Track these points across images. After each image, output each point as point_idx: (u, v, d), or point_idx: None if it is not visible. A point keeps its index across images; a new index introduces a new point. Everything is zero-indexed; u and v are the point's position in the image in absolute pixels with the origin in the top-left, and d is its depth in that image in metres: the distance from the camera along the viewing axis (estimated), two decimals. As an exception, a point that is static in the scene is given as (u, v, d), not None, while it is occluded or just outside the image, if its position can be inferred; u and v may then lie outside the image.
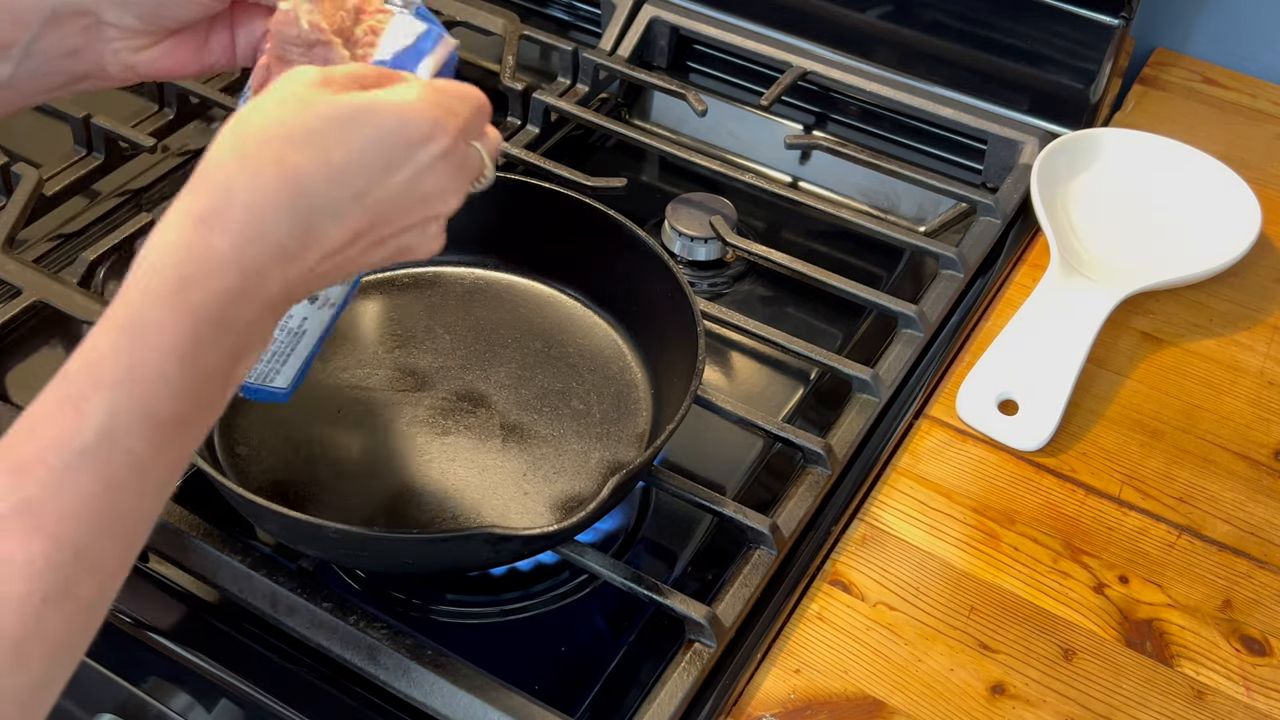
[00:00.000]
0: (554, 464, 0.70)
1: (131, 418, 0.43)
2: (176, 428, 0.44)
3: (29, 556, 0.40)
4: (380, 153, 0.47)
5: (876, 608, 0.67)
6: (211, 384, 0.46)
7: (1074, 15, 0.93)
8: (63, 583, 0.41)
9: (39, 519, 0.41)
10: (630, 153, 0.98)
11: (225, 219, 0.45)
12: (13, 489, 0.41)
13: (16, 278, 0.78)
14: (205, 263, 0.45)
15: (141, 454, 0.43)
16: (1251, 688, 0.65)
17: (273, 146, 0.46)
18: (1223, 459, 0.76)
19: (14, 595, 0.40)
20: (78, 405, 0.42)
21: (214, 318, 0.45)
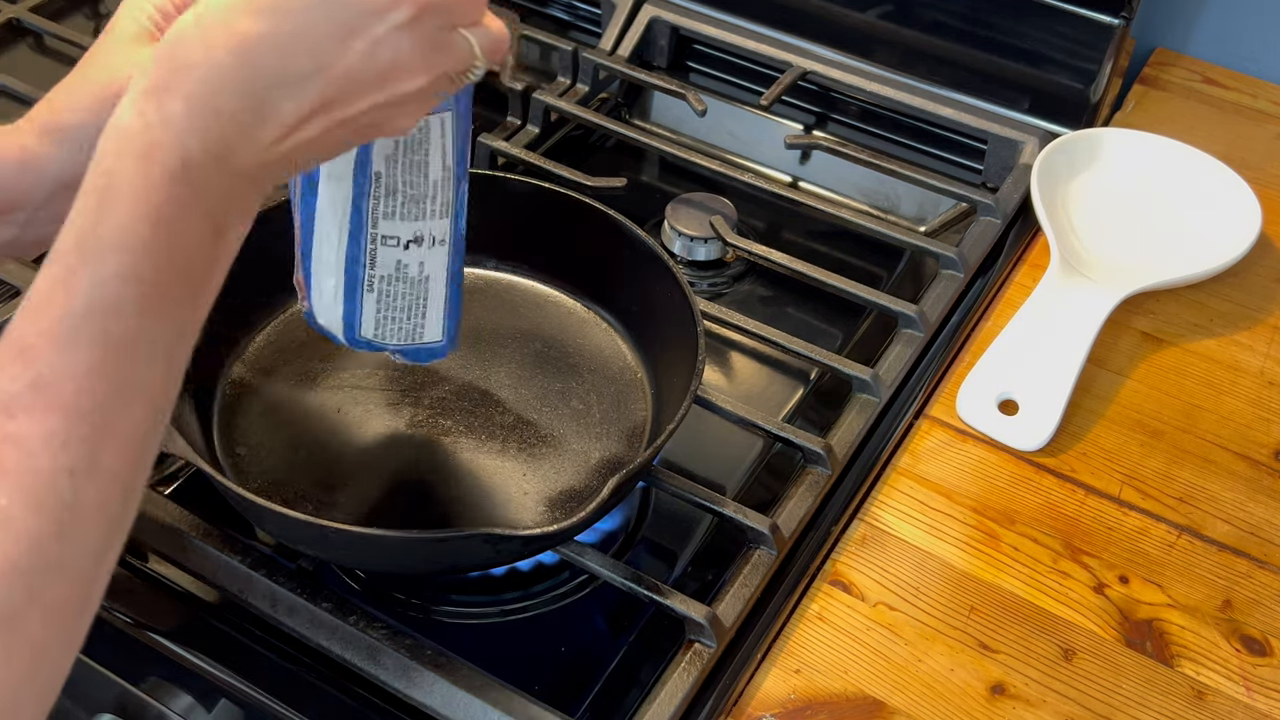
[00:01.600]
0: (554, 464, 0.70)
1: (117, 285, 0.43)
2: (166, 293, 0.45)
3: (50, 430, 0.41)
4: (335, 21, 0.46)
5: (876, 608, 0.67)
6: (195, 251, 0.46)
7: (1074, 15, 0.93)
8: (88, 454, 0.42)
9: (53, 395, 0.42)
10: (630, 153, 0.98)
11: (179, 88, 0.45)
12: (23, 370, 0.42)
13: (16, 277, 0.78)
14: (164, 132, 0.45)
15: (135, 320, 0.44)
16: (1252, 688, 0.65)
17: (230, 16, 0.45)
18: (1223, 459, 0.76)
19: (43, 469, 0.41)
20: (66, 281, 0.43)
21: (183, 182, 0.45)
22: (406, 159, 0.56)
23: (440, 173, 0.57)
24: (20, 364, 0.42)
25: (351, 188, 0.56)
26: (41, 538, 0.41)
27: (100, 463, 0.43)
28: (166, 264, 0.45)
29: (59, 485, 0.41)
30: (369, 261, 0.58)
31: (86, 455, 0.42)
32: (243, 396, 0.71)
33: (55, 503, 0.41)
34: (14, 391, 0.42)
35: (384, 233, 0.57)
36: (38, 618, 0.41)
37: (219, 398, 0.71)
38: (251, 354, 0.74)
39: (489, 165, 0.91)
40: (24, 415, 0.41)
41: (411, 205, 0.57)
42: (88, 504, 0.42)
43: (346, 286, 0.59)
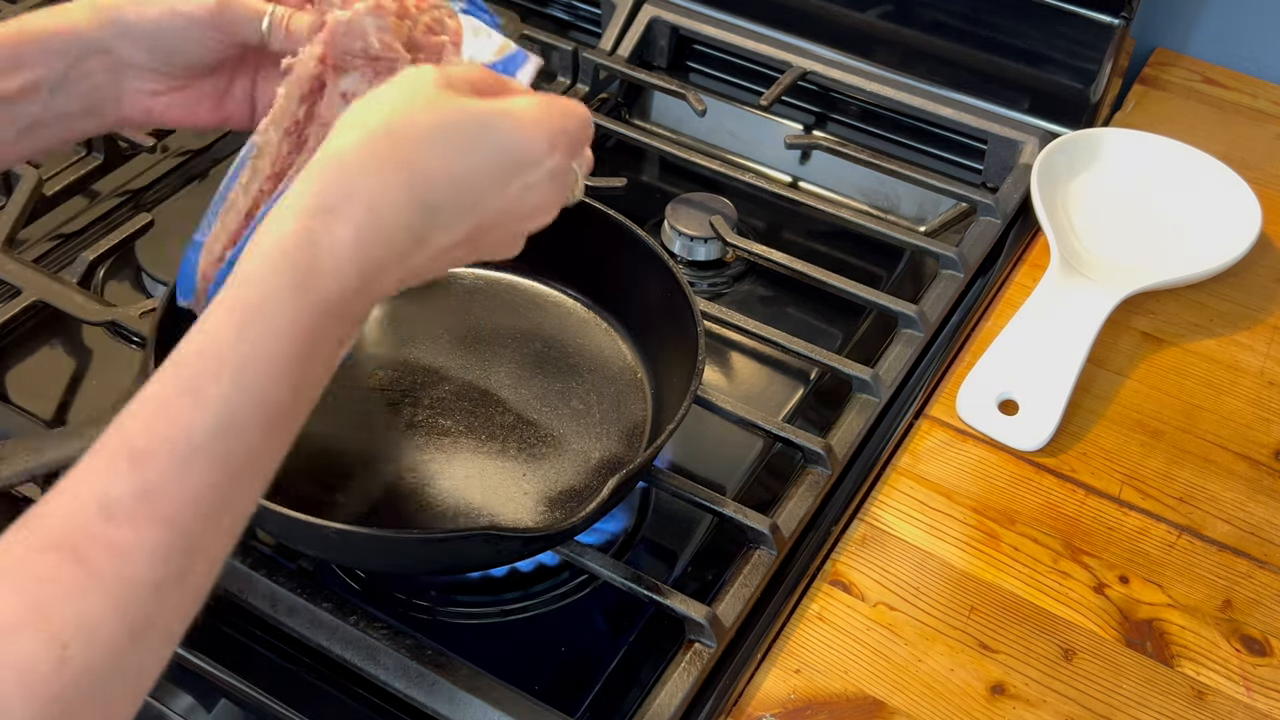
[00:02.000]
0: (554, 464, 0.70)
1: (249, 409, 0.43)
2: (287, 417, 0.45)
3: (154, 543, 0.41)
4: (501, 163, 0.48)
5: (876, 608, 0.67)
6: (321, 374, 0.46)
7: (1074, 15, 0.93)
8: (179, 570, 0.42)
9: (161, 507, 0.41)
10: (630, 152, 0.98)
11: (348, 214, 0.45)
12: (132, 475, 0.41)
13: (16, 277, 0.78)
14: (329, 259, 0.45)
15: (256, 444, 0.43)
16: (1252, 688, 0.65)
17: (402, 145, 0.46)
18: (1223, 459, 0.76)
19: (137, 579, 0.40)
20: (196, 394, 0.42)
21: (333, 312, 0.45)
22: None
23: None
24: (130, 467, 0.41)
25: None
26: (119, 647, 0.40)
27: (188, 576, 0.42)
28: (301, 389, 0.45)
29: (145, 597, 0.41)
30: None
31: (179, 570, 0.42)
32: (243, 396, 0.71)
33: (141, 615, 0.40)
34: (118, 495, 0.41)
35: None
36: (95, 713, 0.40)
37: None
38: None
39: (489, 165, 0.91)
40: (127, 523, 0.40)
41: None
42: (168, 614, 0.42)
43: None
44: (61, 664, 0.38)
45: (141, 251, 0.83)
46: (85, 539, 0.40)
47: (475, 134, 0.48)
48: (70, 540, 0.40)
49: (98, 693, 0.39)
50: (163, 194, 0.90)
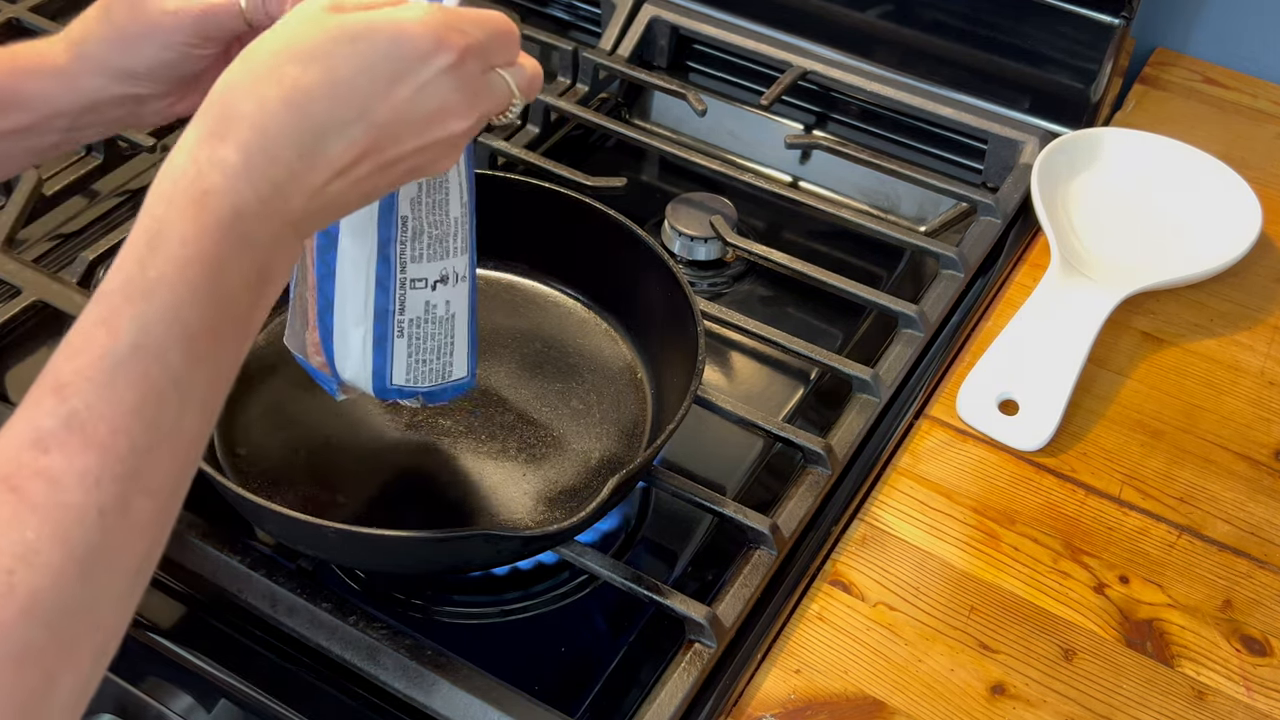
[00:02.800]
0: (554, 464, 0.70)
1: (163, 328, 0.44)
2: (209, 340, 0.45)
3: (84, 467, 0.41)
4: (382, 67, 0.47)
5: (877, 608, 0.67)
6: (240, 299, 0.46)
7: (1074, 15, 0.93)
8: (118, 496, 0.42)
9: (89, 432, 0.42)
10: (630, 152, 0.98)
11: (234, 136, 0.46)
12: (58, 405, 0.42)
13: (16, 277, 0.78)
14: (218, 177, 0.46)
15: (177, 365, 0.44)
16: (1252, 688, 0.65)
17: (279, 65, 0.47)
18: (1223, 459, 0.76)
19: (73, 505, 0.41)
20: (110, 321, 0.43)
21: (234, 229, 0.45)
22: (430, 199, 0.57)
23: (459, 209, 0.58)
24: (56, 399, 0.42)
25: (376, 236, 0.56)
26: (66, 575, 0.40)
27: (131, 505, 0.42)
28: (211, 310, 0.45)
29: (88, 524, 0.41)
30: (399, 308, 0.58)
31: (118, 496, 0.42)
32: (243, 396, 0.71)
33: (83, 541, 0.41)
34: (48, 427, 0.41)
35: (412, 276, 0.58)
36: (54, 655, 0.40)
37: (219, 398, 0.71)
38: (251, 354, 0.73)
39: (489, 165, 0.91)
40: (58, 451, 0.41)
41: (436, 245, 0.58)
42: (114, 546, 0.42)
43: (376, 337, 0.58)
44: (9, 590, 0.39)
45: (141, 251, 0.83)
46: (19, 470, 0.41)
47: (353, 41, 0.47)
48: (7, 474, 0.41)
49: (51, 624, 0.40)
50: (163, 194, 0.89)
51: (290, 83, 0.46)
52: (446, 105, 0.49)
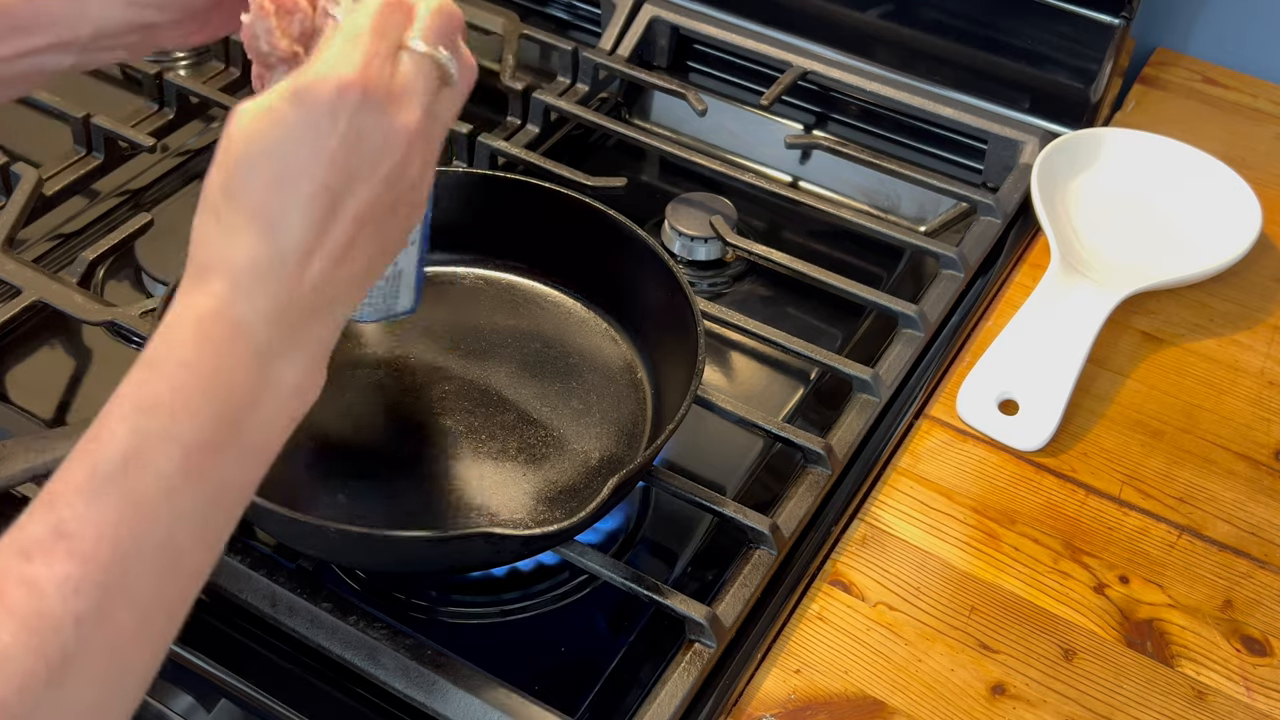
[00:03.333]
0: (554, 464, 0.70)
1: (156, 442, 0.43)
2: (209, 456, 0.44)
3: (65, 575, 0.41)
4: (304, 138, 0.46)
5: (877, 608, 0.67)
6: (245, 415, 0.46)
7: (1074, 15, 0.93)
8: (97, 605, 0.41)
9: (73, 542, 0.41)
10: (630, 152, 0.98)
11: (214, 273, 0.46)
12: (47, 515, 0.42)
13: (16, 277, 0.78)
14: (212, 304, 0.46)
15: (170, 477, 0.43)
16: (1252, 688, 0.65)
17: (221, 193, 0.47)
18: (1223, 459, 0.76)
19: (49, 612, 0.40)
20: (102, 436, 0.43)
21: (236, 344, 0.46)
22: None
23: None
24: (45, 509, 0.42)
25: None
26: (34, 682, 0.39)
27: (112, 616, 0.41)
28: (210, 426, 0.44)
29: (63, 631, 0.40)
30: None
31: (97, 605, 0.41)
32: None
33: (56, 648, 0.40)
34: (35, 535, 0.41)
35: None
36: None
37: (219, 398, 0.71)
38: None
39: (489, 165, 0.91)
40: (41, 559, 0.41)
41: None
42: (90, 657, 0.41)
43: None
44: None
45: (141, 251, 0.83)
46: (3, 578, 0.40)
47: (268, 133, 0.47)
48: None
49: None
50: (163, 194, 0.90)
51: (231, 214, 0.46)
52: (380, 137, 0.48)
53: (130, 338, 0.78)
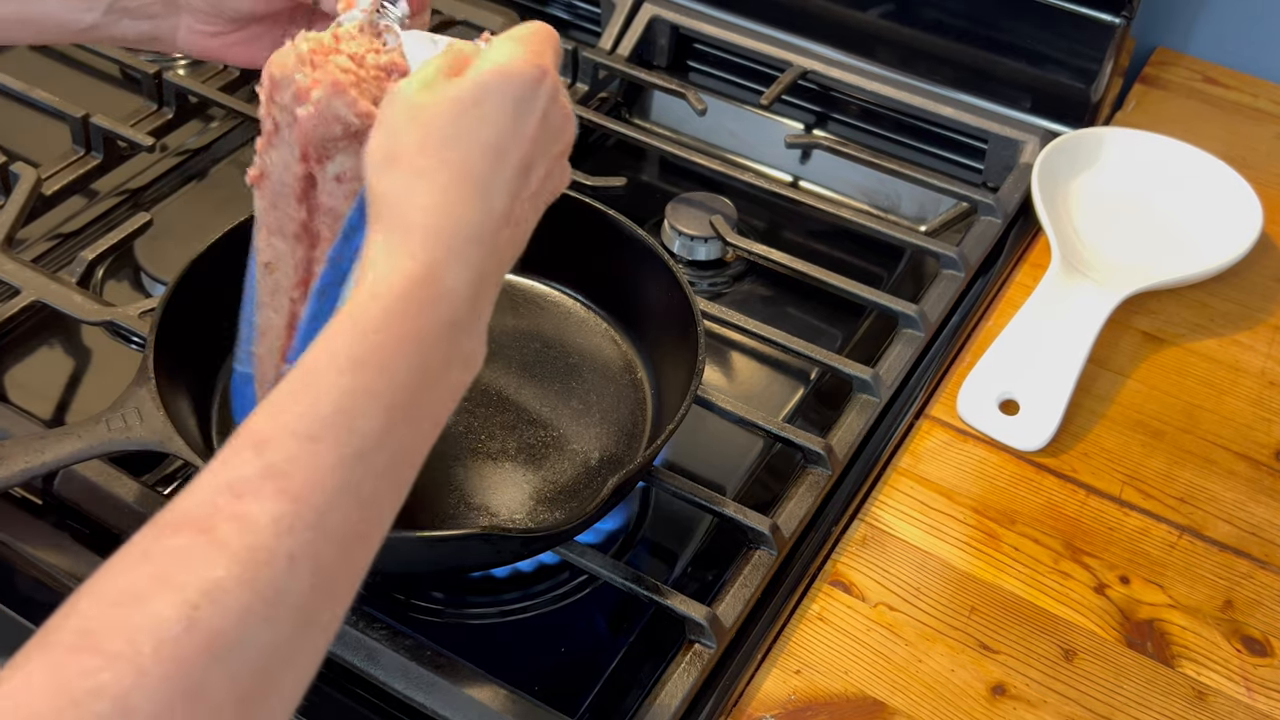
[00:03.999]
0: (554, 464, 0.70)
1: (365, 399, 0.45)
2: (400, 416, 0.46)
3: (279, 514, 0.41)
4: (509, 115, 0.50)
5: (877, 608, 0.67)
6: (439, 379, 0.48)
7: (1075, 14, 0.93)
8: (308, 545, 0.42)
9: (284, 482, 0.42)
10: (630, 152, 0.98)
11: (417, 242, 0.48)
12: (256, 458, 0.42)
13: (15, 277, 0.78)
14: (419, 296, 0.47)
15: (369, 436, 0.44)
16: (1253, 688, 0.65)
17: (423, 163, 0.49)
18: (1224, 459, 0.76)
19: (264, 547, 0.41)
20: (314, 388, 0.44)
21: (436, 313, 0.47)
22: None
23: None
24: (253, 451, 0.43)
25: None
26: (251, 617, 0.40)
27: (321, 558, 0.42)
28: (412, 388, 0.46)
29: (276, 568, 0.41)
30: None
31: (309, 546, 0.42)
32: (242, 396, 0.71)
33: (271, 585, 0.40)
34: (245, 475, 0.42)
35: None
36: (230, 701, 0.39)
37: (218, 396, 0.71)
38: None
39: (489, 165, 0.91)
40: (252, 497, 0.41)
41: None
42: (302, 595, 0.41)
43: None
44: (191, 625, 0.38)
45: (140, 251, 0.83)
46: (213, 514, 0.41)
47: (476, 106, 0.50)
48: (199, 517, 0.41)
49: (228, 661, 0.39)
50: (162, 193, 0.89)
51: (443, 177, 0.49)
52: (562, 119, 0.53)
53: (129, 338, 0.78)
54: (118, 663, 0.37)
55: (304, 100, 0.53)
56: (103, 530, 0.67)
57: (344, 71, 0.54)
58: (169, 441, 0.62)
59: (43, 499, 0.68)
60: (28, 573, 0.66)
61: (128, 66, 0.96)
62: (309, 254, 0.58)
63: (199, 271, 0.70)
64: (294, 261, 0.58)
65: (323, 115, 0.53)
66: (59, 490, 0.68)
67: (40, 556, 0.66)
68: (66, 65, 1.00)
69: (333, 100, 0.53)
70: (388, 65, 0.55)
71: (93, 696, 0.36)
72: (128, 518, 0.66)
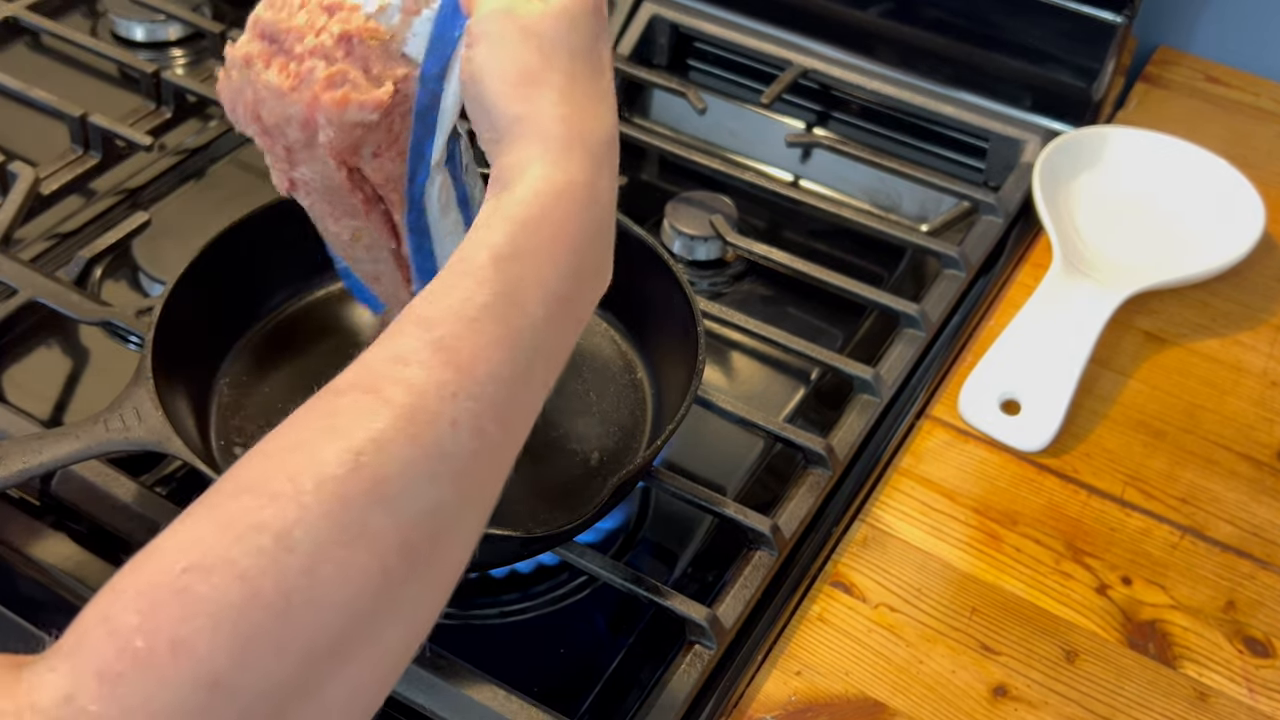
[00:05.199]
0: (554, 464, 0.69)
1: (529, 287, 0.46)
2: (566, 305, 0.48)
3: (443, 380, 0.42)
4: (600, 29, 0.53)
5: (878, 609, 0.67)
6: (586, 276, 0.49)
7: (1076, 13, 0.92)
8: (473, 414, 0.42)
9: (450, 354, 0.43)
10: (630, 151, 0.97)
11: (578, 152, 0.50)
12: (423, 333, 0.43)
13: (13, 277, 0.77)
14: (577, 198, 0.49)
15: (536, 320, 0.46)
16: (1254, 689, 0.65)
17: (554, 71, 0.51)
18: (1226, 459, 0.75)
19: (429, 409, 0.41)
20: (476, 275, 0.45)
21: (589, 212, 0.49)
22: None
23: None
24: (420, 328, 0.44)
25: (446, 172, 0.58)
26: (415, 470, 0.40)
27: (484, 429, 0.43)
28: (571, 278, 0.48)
29: (440, 429, 0.41)
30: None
31: (473, 414, 0.42)
32: (241, 396, 0.71)
33: (435, 445, 0.41)
34: (412, 347, 0.43)
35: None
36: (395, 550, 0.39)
37: (217, 397, 0.71)
38: (250, 352, 0.73)
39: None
40: (418, 365, 0.42)
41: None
42: (463, 462, 0.42)
43: None
44: (355, 469, 0.39)
45: (139, 251, 0.83)
46: (379, 378, 0.42)
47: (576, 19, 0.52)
48: (365, 380, 0.42)
49: (392, 508, 0.39)
50: (160, 193, 0.89)
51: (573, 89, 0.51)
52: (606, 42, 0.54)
53: (127, 337, 0.78)
54: (279, 500, 0.38)
55: (311, 129, 0.52)
56: (101, 531, 0.67)
57: (326, 81, 0.52)
58: (167, 442, 0.62)
59: (41, 499, 0.68)
60: (26, 573, 0.66)
61: (126, 66, 0.96)
62: (385, 210, 0.58)
63: (198, 271, 0.69)
64: (377, 224, 0.58)
65: (342, 132, 0.53)
66: (57, 491, 0.68)
67: (38, 557, 0.66)
68: (65, 64, 1.00)
69: (344, 118, 0.52)
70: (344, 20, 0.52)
71: (255, 530, 0.37)
72: (126, 518, 0.66)
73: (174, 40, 1.02)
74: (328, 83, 0.52)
